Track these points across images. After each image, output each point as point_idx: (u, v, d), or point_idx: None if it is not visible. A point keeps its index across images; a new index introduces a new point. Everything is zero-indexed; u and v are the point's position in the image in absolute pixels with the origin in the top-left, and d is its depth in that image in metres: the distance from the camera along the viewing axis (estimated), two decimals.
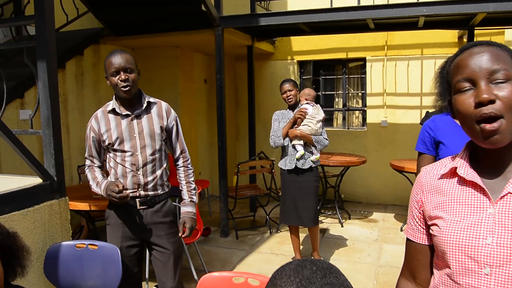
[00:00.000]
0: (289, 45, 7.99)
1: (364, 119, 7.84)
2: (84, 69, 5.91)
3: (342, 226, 6.23)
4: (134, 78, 2.57)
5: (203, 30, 5.82)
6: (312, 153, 4.41)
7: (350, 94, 7.97)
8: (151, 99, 2.71)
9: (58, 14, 5.79)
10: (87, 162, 2.78)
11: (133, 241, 2.68)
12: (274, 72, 8.11)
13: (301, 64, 8.10)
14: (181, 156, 2.83)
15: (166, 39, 6.12)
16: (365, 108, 7.71)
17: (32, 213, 2.45)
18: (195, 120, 7.33)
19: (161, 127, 2.68)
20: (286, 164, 4.44)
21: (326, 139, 4.47)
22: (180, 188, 2.85)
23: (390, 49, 7.43)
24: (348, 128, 7.88)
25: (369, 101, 7.66)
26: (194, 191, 2.85)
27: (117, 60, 2.53)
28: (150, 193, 2.67)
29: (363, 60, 7.70)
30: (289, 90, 4.43)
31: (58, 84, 5.35)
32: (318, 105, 4.60)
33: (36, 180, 2.61)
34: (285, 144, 4.42)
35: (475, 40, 6.19)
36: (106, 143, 2.63)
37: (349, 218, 6.68)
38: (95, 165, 2.76)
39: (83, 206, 3.81)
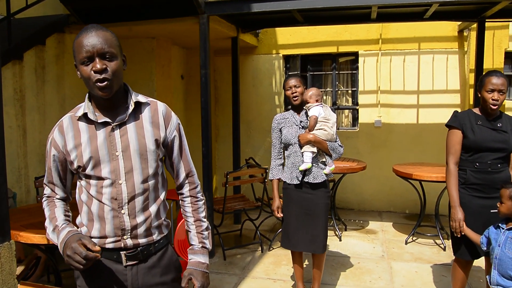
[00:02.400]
0: (274, 38, 7.26)
1: (355, 118, 7.22)
2: (46, 62, 4.99)
3: (340, 240, 5.59)
4: (116, 68, 1.70)
5: (185, 18, 5.02)
6: (325, 164, 3.66)
7: (339, 92, 7.33)
8: (141, 98, 1.85)
9: None
10: (46, 191, 1.91)
11: None
12: (258, 67, 7.38)
13: (287, 58, 7.39)
14: (186, 182, 1.97)
15: (141, 28, 5.26)
16: (357, 107, 7.09)
17: None
18: None
19: (156, 140, 1.82)
20: (292, 177, 3.65)
21: (341, 146, 3.72)
22: (186, 227, 2.00)
23: (385, 42, 6.84)
24: (338, 129, 7.23)
25: (361, 99, 7.05)
26: (206, 232, 1.98)
27: (91, 40, 1.67)
28: (142, 240, 1.81)
29: (355, 54, 7.07)
30: (295, 86, 3.64)
31: (15, 78, 4.45)
32: (327, 106, 3.82)
33: None
34: (292, 152, 3.65)
35: (485, 33, 5.69)
36: (75, 165, 1.77)
37: (345, 230, 6.05)
38: (57, 196, 1.90)
39: (38, 239, 2.90)
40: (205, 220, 1.99)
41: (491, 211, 2.96)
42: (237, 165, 6.30)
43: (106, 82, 1.66)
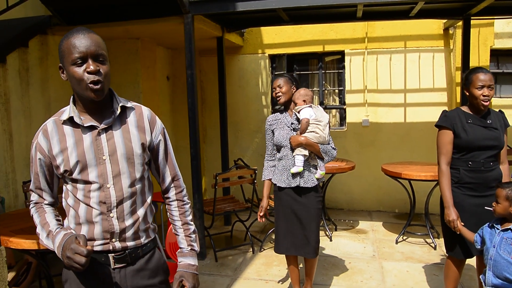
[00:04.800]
0: (260, 38, 7.19)
1: (342, 118, 7.19)
2: (29, 64, 4.85)
3: (331, 240, 5.54)
4: (108, 71, 1.73)
5: (169, 17, 4.92)
6: (316, 168, 3.57)
7: (326, 91, 7.29)
8: (126, 103, 1.86)
9: None
10: (34, 198, 1.90)
11: None
12: (243, 67, 7.30)
13: (273, 58, 7.33)
14: (172, 186, 1.99)
15: (125, 29, 5.16)
16: (344, 106, 7.06)
17: None
18: None
19: (142, 144, 1.83)
20: (282, 179, 3.56)
21: (334, 148, 3.60)
22: (173, 230, 2.01)
23: (371, 41, 6.80)
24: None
25: (349, 98, 7.01)
26: (194, 236, 2.01)
27: (84, 42, 1.66)
28: (130, 243, 1.82)
29: (341, 53, 7.03)
30: (279, 86, 3.57)
31: None
32: (319, 106, 3.72)
33: None
34: (284, 154, 3.57)
35: (471, 30, 5.70)
36: (61, 170, 1.75)
37: (336, 230, 6.01)
38: (45, 201, 1.89)
39: (29, 244, 2.86)
40: (192, 223, 2.01)
41: (485, 207, 2.92)
42: (226, 166, 6.23)
43: (100, 85, 1.67)
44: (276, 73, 7.29)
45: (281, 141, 3.54)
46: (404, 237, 5.60)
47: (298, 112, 3.56)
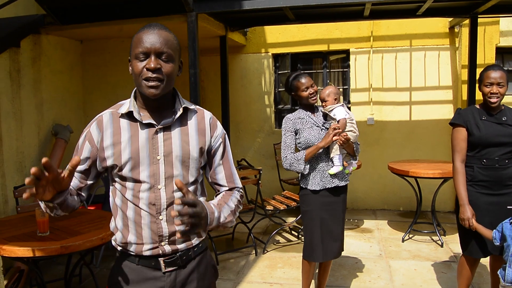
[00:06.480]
0: (263, 37, 7.14)
1: None
2: (21, 65, 4.79)
3: None
4: (171, 72, 1.66)
5: (171, 16, 4.86)
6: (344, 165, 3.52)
7: None
8: (190, 105, 1.80)
9: None
10: None
11: None
12: (246, 66, 7.24)
13: (276, 57, 7.28)
14: (227, 186, 1.89)
15: (123, 28, 5.11)
16: (349, 105, 6.99)
17: None
18: None
19: (201, 148, 1.76)
20: (315, 182, 3.39)
21: (358, 143, 3.59)
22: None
23: (376, 40, 6.75)
24: None
25: (353, 97, 6.96)
26: (226, 212, 1.72)
27: (151, 37, 1.61)
28: (180, 246, 1.75)
29: (346, 52, 6.98)
30: (312, 86, 3.42)
31: None
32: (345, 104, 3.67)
33: None
34: (315, 156, 3.42)
35: (478, 28, 5.65)
36: (108, 163, 1.69)
37: None
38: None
39: (23, 252, 2.77)
40: (232, 206, 1.77)
41: (508, 207, 2.89)
42: None
43: (156, 82, 1.61)
44: (279, 72, 7.24)
45: (313, 141, 3.36)
46: (411, 235, 5.54)
47: (330, 111, 3.46)
